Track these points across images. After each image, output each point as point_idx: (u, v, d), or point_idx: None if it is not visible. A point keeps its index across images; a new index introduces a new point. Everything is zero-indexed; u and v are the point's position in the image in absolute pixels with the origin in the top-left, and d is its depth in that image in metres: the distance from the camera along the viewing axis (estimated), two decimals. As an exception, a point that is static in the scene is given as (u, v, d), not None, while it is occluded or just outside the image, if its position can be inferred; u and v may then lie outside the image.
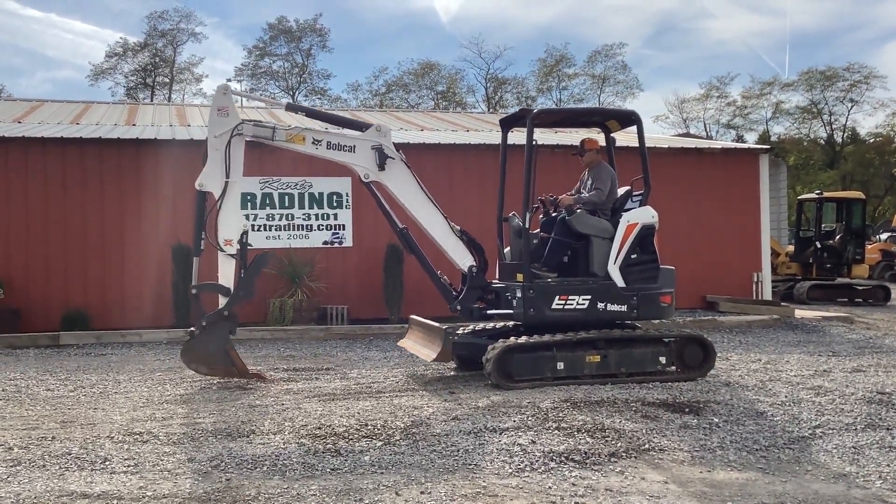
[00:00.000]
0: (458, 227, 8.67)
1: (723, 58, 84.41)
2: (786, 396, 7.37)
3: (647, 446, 5.61)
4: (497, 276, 9.05)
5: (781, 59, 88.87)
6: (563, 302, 8.15)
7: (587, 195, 8.74)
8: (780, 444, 5.73)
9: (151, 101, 51.72)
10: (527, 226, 8.35)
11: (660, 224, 8.54)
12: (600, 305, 8.22)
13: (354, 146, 8.40)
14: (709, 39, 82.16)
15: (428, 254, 8.74)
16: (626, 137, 16.62)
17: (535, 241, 8.63)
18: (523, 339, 7.89)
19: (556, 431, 5.96)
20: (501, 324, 8.94)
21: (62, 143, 13.49)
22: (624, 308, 8.28)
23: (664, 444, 5.68)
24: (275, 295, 13.07)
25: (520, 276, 8.23)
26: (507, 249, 8.99)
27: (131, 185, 13.50)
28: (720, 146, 18.43)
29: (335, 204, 14.20)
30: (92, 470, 5.05)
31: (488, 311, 8.61)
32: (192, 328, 8.23)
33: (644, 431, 5.98)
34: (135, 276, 13.39)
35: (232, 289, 8.12)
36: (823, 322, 13.73)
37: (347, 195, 14.06)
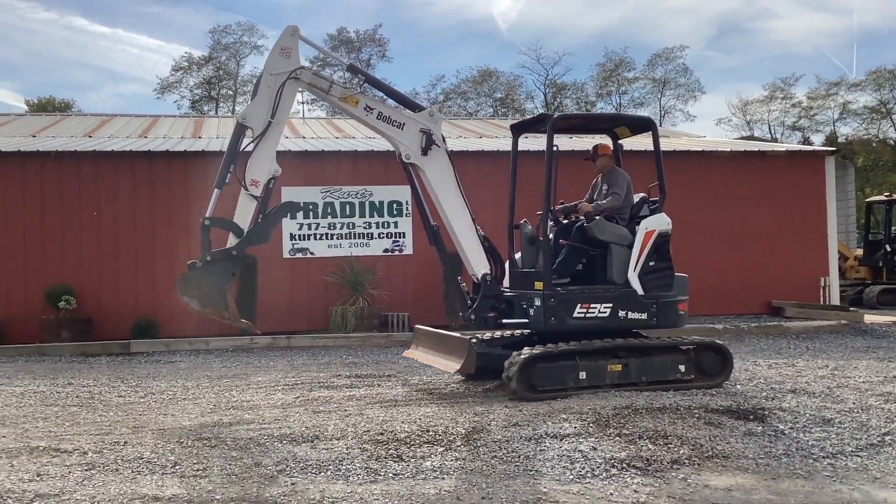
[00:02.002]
0: (483, 234, 8.55)
1: (787, 58, 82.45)
2: (854, 403, 7.20)
3: (710, 453, 5.54)
4: (507, 284, 8.80)
5: (848, 58, 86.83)
6: (585, 310, 8.04)
7: (605, 202, 8.63)
8: (847, 452, 5.60)
9: (216, 113, 52.97)
10: (548, 233, 8.26)
11: (724, 229, 8.44)
12: (621, 314, 8.12)
13: (404, 123, 8.28)
14: (772, 40, 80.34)
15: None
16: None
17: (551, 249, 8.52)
18: (545, 348, 7.72)
19: (618, 438, 5.93)
20: (509, 333, 8.87)
21: (131, 156, 13.92)
22: (644, 316, 8.20)
23: (728, 451, 5.60)
24: (337, 303, 13.27)
25: (539, 285, 8.09)
26: (517, 256, 8.83)
27: (198, 196, 13.83)
28: (785, 149, 18.05)
29: (395, 212, 14.35)
30: (163, 474, 5.20)
31: (502, 321, 8.41)
32: (194, 260, 7.78)
33: (707, 438, 5.90)
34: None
35: (246, 230, 7.84)
36: (894, 327, 13.35)
37: (407, 203, 14.19)
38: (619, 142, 9.26)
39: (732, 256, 15.51)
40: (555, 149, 8.29)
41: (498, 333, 8.92)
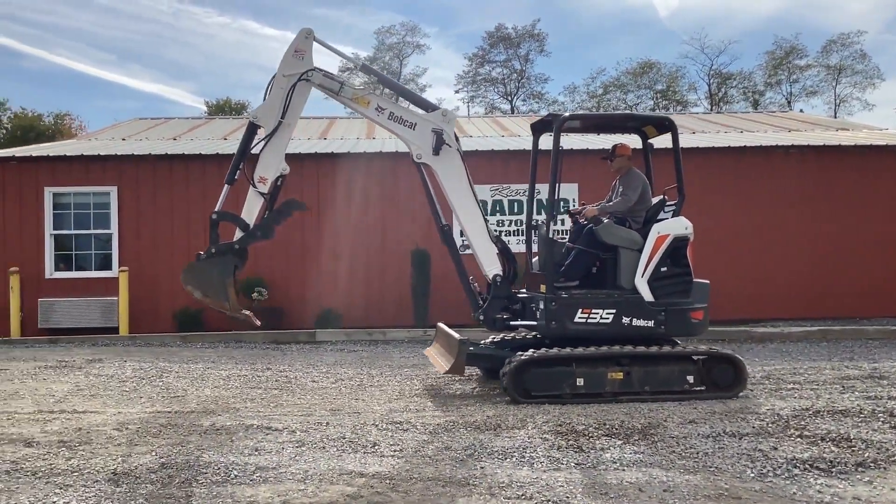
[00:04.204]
0: (496, 233, 8.48)
1: (983, 37, 75.56)
2: None
3: (898, 458, 5.46)
4: (525, 286, 8.77)
5: None
6: (587, 315, 7.83)
7: (611, 204, 8.45)
8: None
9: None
10: (551, 235, 8.12)
11: (879, 231, 8.01)
12: (625, 320, 7.85)
13: (416, 123, 8.32)
14: (965, 18, 73.88)
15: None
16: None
17: (562, 251, 8.42)
18: (540, 352, 7.61)
19: (799, 439, 5.94)
20: (524, 334, 8.78)
21: (316, 157, 14.88)
22: (650, 323, 7.88)
23: (918, 457, 5.50)
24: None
25: (542, 287, 8.01)
26: (535, 259, 8.70)
27: (376, 195, 14.64)
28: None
29: (563, 209, 14.52)
30: (364, 453, 5.72)
31: (511, 322, 8.34)
32: (201, 252, 8.14)
33: (894, 443, 5.80)
34: (378, 278, 14.53)
35: (252, 225, 8.13)
36: None
37: (574, 201, 14.35)
38: (647, 142, 9.03)
39: None
40: (561, 149, 8.20)
41: (515, 335, 8.89)
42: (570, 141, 15.89)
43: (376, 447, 5.86)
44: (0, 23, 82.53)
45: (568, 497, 4.70)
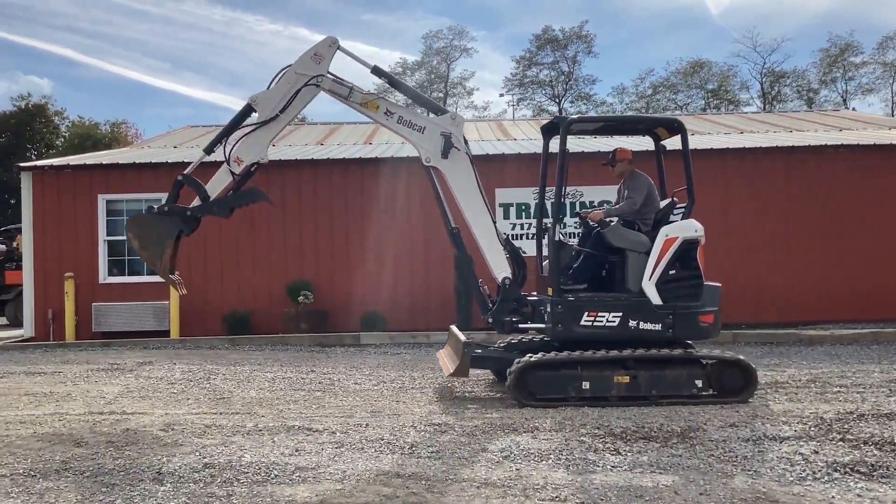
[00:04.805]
0: (505, 236, 8.46)
1: None
2: None
3: (944, 463, 5.35)
4: (536, 289, 8.72)
5: None
6: (593, 318, 7.77)
7: (616, 207, 8.38)
8: None
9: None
10: (556, 238, 8.06)
11: None
12: (632, 323, 7.76)
13: (424, 127, 8.33)
14: None
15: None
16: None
17: (572, 254, 8.36)
18: (543, 355, 7.60)
19: (841, 443, 5.85)
20: (531, 337, 8.76)
21: (361, 162, 15.05)
22: (658, 327, 7.77)
23: (965, 462, 5.38)
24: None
25: (550, 290, 7.98)
26: (545, 262, 8.61)
27: (421, 200, 14.73)
28: None
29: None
30: (402, 454, 5.80)
31: (521, 325, 8.30)
32: (154, 206, 8.28)
33: (941, 448, 5.68)
34: (422, 281, 14.63)
35: (211, 199, 8.21)
36: None
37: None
38: (659, 143, 8.91)
39: None
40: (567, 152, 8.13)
41: (529, 338, 8.88)
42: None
43: (414, 449, 5.93)
44: (57, 34, 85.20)
45: (602, 500, 4.71)
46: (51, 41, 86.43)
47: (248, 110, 8.37)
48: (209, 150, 8.32)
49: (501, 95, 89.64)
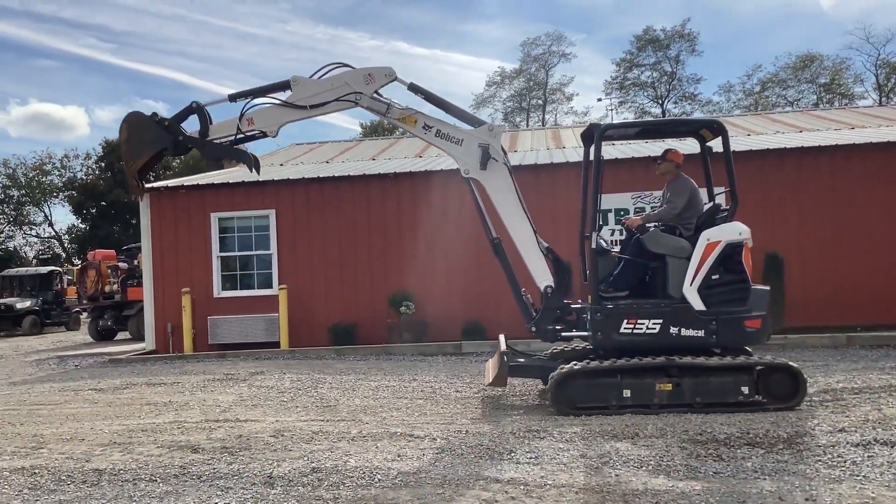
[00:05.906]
0: (546, 245, 8.29)
1: None
2: None
3: None
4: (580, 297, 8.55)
5: None
6: (632, 326, 7.56)
7: (654, 212, 8.14)
8: None
9: (527, 125, 55.02)
10: (594, 245, 7.90)
11: None
12: (673, 330, 7.49)
13: (462, 140, 8.32)
14: None
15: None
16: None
17: (614, 261, 8.17)
18: (581, 364, 7.51)
19: (960, 449, 5.60)
20: (574, 346, 8.62)
21: (448, 173, 15.22)
22: (701, 333, 7.48)
23: None
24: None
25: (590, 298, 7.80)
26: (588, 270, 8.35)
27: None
28: None
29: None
30: (501, 460, 5.89)
31: (564, 333, 8.21)
32: (157, 115, 8.39)
33: None
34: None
35: (206, 138, 8.31)
36: None
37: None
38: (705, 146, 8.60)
39: None
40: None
41: (572, 347, 8.75)
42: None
43: (512, 454, 6.01)
44: (171, 59, 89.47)
45: (702, 505, 4.68)
46: (165, 66, 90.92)
47: (285, 85, 8.44)
48: (234, 98, 8.44)
49: (600, 100, 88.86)
